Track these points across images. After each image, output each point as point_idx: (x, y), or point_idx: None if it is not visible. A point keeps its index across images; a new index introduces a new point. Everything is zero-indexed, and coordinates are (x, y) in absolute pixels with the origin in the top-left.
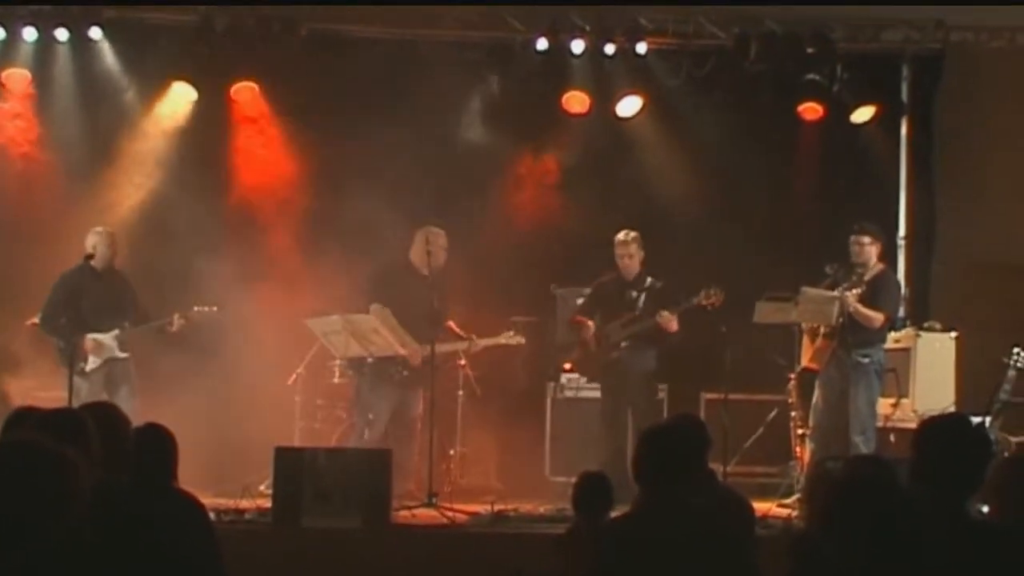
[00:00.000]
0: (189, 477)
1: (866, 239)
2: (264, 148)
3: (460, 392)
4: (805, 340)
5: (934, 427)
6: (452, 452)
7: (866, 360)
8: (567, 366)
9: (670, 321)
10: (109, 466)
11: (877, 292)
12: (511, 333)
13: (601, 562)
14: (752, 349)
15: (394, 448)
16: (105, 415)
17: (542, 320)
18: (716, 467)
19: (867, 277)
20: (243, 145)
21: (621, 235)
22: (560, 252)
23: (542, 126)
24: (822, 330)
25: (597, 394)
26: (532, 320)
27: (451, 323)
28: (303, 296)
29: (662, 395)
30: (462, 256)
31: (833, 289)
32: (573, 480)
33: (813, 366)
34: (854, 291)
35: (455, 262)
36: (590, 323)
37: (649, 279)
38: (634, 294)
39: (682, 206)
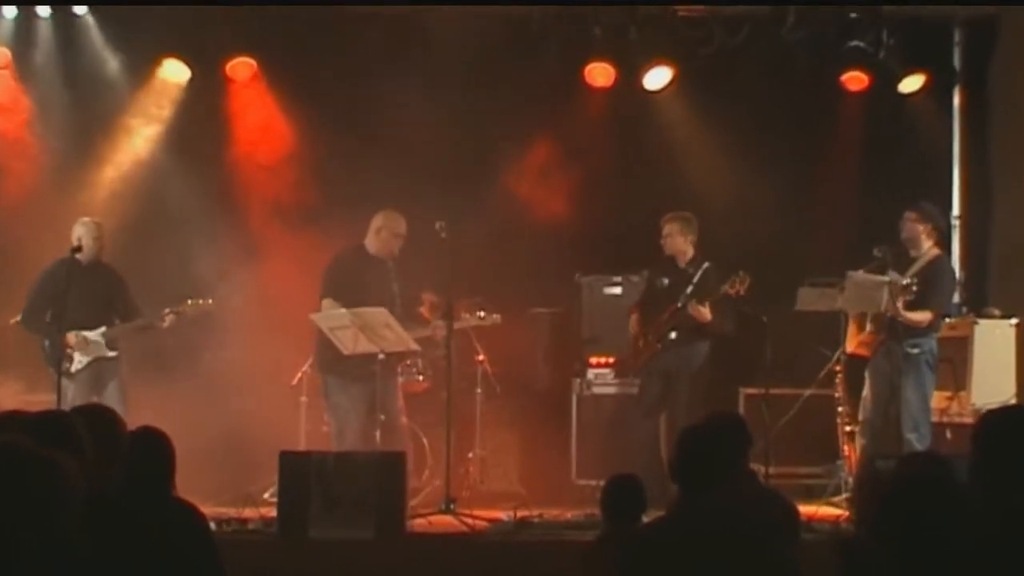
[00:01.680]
0: (188, 485)
1: (911, 215)
2: (264, 130)
3: (478, 390)
4: (852, 327)
5: (994, 421)
6: (471, 455)
7: (916, 351)
8: (595, 360)
9: (701, 312)
10: (102, 473)
11: (927, 284)
12: (482, 314)
13: (632, 571)
14: (795, 340)
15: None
16: (97, 418)
17: (566, 311)
18: (757, 468)
19: (919, 265)
20: (241, 126)
21: (665, 216)
22: (584, 237)
23: (562, 101)
24: (870, 317)
25: (627, 390)
26: (555, 311)
27: (423, 310)
28: (307, 288)
29: None
30: (476, 244)
31: (882, 273)
32: (602, 483)
33: (862, 352)
34: (903, 283)
35: (470, 251)
36: (635, 315)
37: (706, 265)
38: (684, 282)
39: (715, 186)
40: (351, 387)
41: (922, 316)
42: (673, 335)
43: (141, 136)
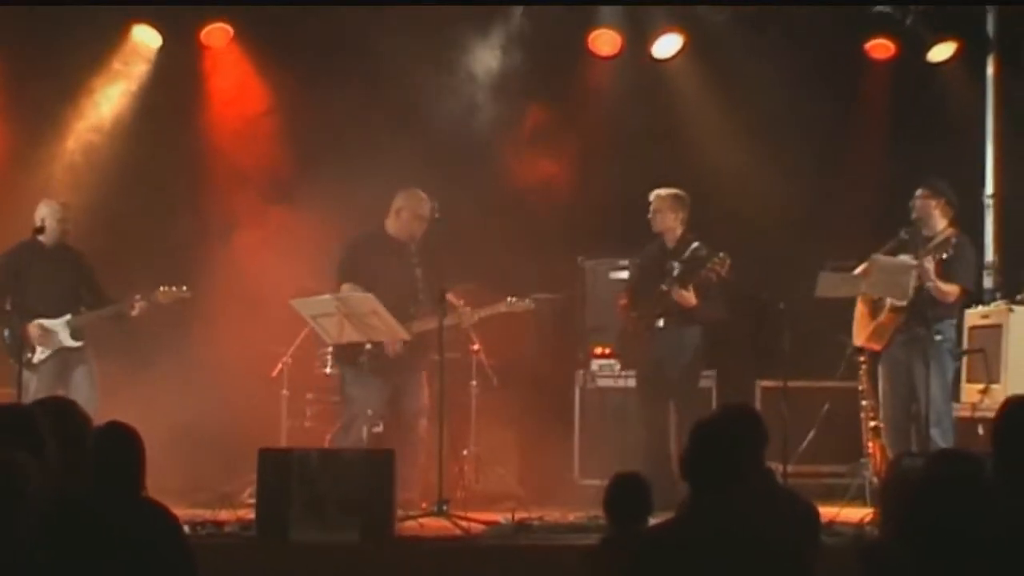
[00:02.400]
0: (159, 485)
1: (923, 192)
2: (241, 101)
3: (473, 383)
4: (860, 311)
5: (1017, 410)
6: (465, 452)
7: (939, 338)
8: (599, 350)
9: (685, 296)
10: (65, 472)
11: (950, 261)
12: (513, 299)
13: None
14: (815, 328)
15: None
16: (60, 412)
17: (568, 297)
18: (774, 466)
19: (935, 244)
20: (217, 97)
21: (654, 192)
22: (588, 217)
23: (565, 71)
24: (888, 303)
25: (633, 383)
26: (556, 297)
27: (450, 296)
28: (289, 273)
29: (710, 382)
30: (471, 225)
31: (897, 255)
32: (606, 483)
33: (872, 345)
34: (930, 258)
35: (462, 232)
36: (624, 301)
37: (694, 245)
38: (672, 264)
39: (729, 162)
40: (369, 380)
41: (951, 288)
42: (661, 322)
43: (109, 108)
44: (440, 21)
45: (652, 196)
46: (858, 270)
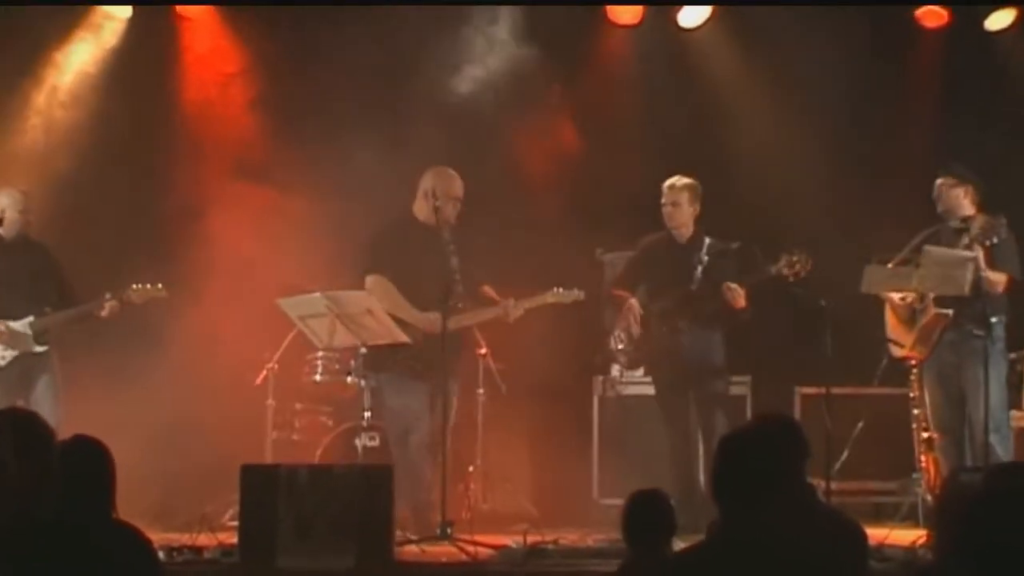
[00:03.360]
0: (130, 505)
1: (947, 181)
2: (222, 80)
3: (480, 390)
4: (891, 322)
5: None
6: (471, 468)
7: (993, 336)
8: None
9: (737, 296)
10: (27, 491)
11: (998, 247)
12: (560, 289)
13: None
14: (860, 328)
15: (412, 466)
16: (22, 425)
17: (587, 294)
18: (817, 482)
19: (976, 229)
20: (195, 77)
21: (669, 181)
22: (607, 207)
23: (581, 42)
24: (929, 301)
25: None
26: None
27: (487, 288)
28: (275, 270)
29: (743, 389)
30: (480, 214)
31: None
32: None
33: (917, 354)
34: (976, 246)
35: (468, 223)
36: (632, 300)
37: (708, 240)
38: (691, 260)
39: (762, 143)
40: (410, 385)
41: (998, 277)
42: (684, 324)
43: (73, 91)
44: None
45: (667, 186)
46: (892, 263)
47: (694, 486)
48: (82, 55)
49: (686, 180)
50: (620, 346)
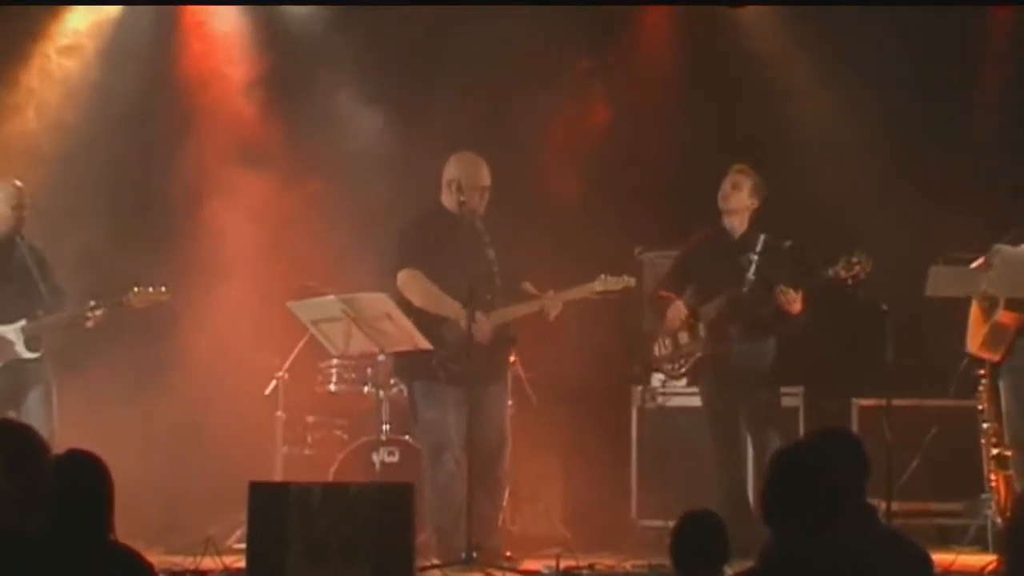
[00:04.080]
0: (129, 526)
1: None
2: (229, 61)
3: (509, 401)
4: (974, 314)
5: None
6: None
7: None
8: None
9: (792, 300)
10: (18, 508)
11: None
12: (606, 277)
13: None
14: (925, 335)
15: (443, 487)
16: (12, 438)
17: (624, 297)
18: (877, 502)
19: None
20: (198, 57)
21: (737, 166)
22: (646, 201)
23: (616, 21)
24: (1001, 304)
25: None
26: (610, 297)
27: (527, 285)
28: (285, 269)
29: (796, 401)
30: (505, 210)
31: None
32: (670, 524)
33: (987, 354)
34: None
35: (496, 219)
36: (678, 301)
37: (763, 237)
38: (743, 260)
39: (819, 133)
40: (447, 395)
41: None
42: (735, 330)
43: (67, 79)
44: None
45: (735, 169)
46: (975, 264)
47: (744, 506)
48: (74, 44)
49: (741, 167)
50: (665, 353)
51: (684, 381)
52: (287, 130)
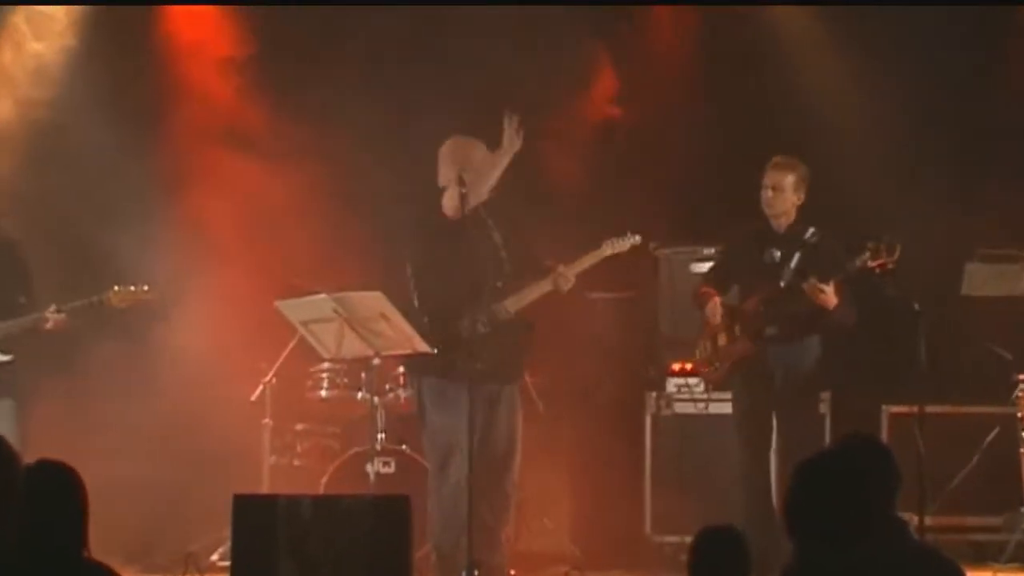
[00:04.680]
0: (105, 541)
1: None
2: (215, 39)
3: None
4: None
5: None
6: None
7: None
8: (678, 366)
9: (820, 293)
10: None
11: None
12: (613, 240)
13: None
14: (960, 337)
15: (447, 501)
16: None
17: (638, 296)
18: (908, 516)
19: None
20: (180, 29)
21: (773, 160)
22: (662, 193)
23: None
24: None
25: (722, 408)
26: (622, 296)
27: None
28: (274, 267)
29: (823, 407)
30: (512, 202)
31: None
32: (687, 540)
33: None
34: None
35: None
36: (716, 299)
37: (811, 231)
38: (781, 254)
39: (847, 125)
40: (459, 395)
41: None
42: (773, 330)
43: (43, 65)
44: None
45: (770, 165)
46: None
47: (768, 520)
48: (53, 26)
49: (792, 160)
50: (703, 356)
51: (700, 387)
52: (275, 112)
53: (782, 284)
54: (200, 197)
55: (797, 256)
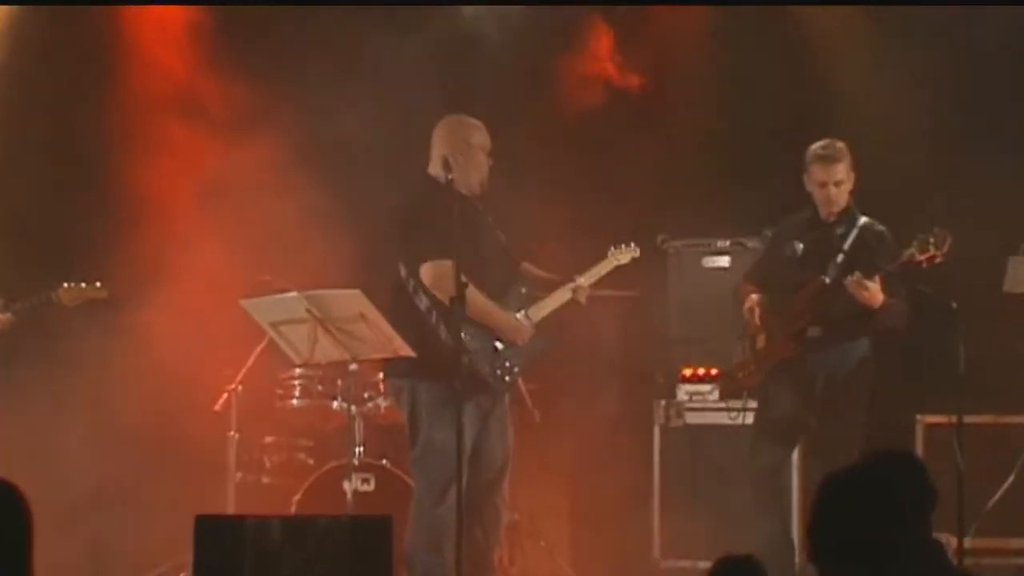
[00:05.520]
0: (55, 568)
1: None
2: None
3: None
4: None
5: None
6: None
7: None
8: (689, 371)
9: (869, 291)
10: None
11: None
12: (617, 248)
13: None
14: (1002, 339)
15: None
16: None
17: (644, 294)
18: (945, 539)
19: None
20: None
21: (817, 147)
22: (671, 180)
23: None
24: None
25: (741, 418)
26: (627, 295)
27: (528, 265)
28: (238, 259)
29: None
30: (506, 190)
31: None
32: (700, 565)
33: None
34: None
35: (497, 200)
36: (753, 296)
37: (863, 220)
38: (833, 244)
39: (879, 112)
40: (465, 407)
41: None
42: (816, 331)
43: None
44: None
45: (818, 155)
46: None
47: (787, 545)
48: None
49: (833, 144)
50: (739, 359)
51: (717, 394)
52: (234, 76)
53: (827, 280)
54: (147, 174)
55: (849, 247)
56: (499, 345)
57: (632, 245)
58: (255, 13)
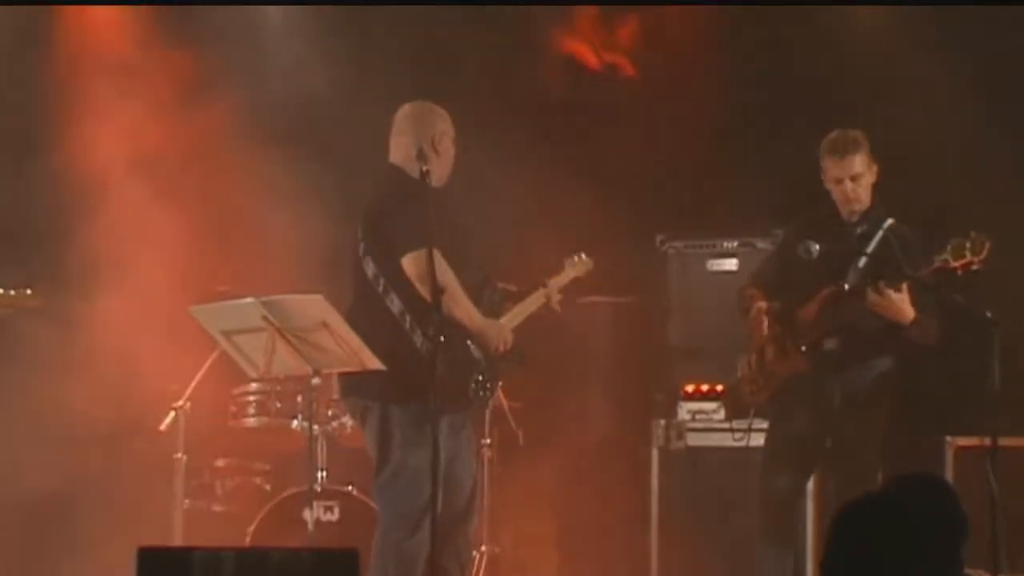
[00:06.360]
0: None
1: None
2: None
3: (486, 441)
4: None
5: None
6: (474, 553)
7: None
8: (691, 387)
9: (893, 303)
10: None
11: None
12: (579, 257)
13: None
14: None
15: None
16: None
17: (642, 300)
18: (977, 574)
19: None
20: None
21: (831, 138)
22: (673, 178)
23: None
24: None
25: (749, 440)
26: (623, 301)
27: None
28: (187, 264)
29: None
30: (491, 188)
31: None
32: None
33: None
34: None
35: (481, 198)
36: (760, 303)
37: (889, 222)
38: (847, 249)
39: (906, 108)
40: (441, 428)
41: None
42: (833, 343)
43: None
44: None
45: (831, 148)
46: None
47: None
48: None
49: (849, 134)
50: (746, 373)
51: (722, 413)
52: (181, 37)
53: (846, 286)
54: (104, 189)
55: (868, 251)
56: (476, 354)
57: (583, 256)
58: None
